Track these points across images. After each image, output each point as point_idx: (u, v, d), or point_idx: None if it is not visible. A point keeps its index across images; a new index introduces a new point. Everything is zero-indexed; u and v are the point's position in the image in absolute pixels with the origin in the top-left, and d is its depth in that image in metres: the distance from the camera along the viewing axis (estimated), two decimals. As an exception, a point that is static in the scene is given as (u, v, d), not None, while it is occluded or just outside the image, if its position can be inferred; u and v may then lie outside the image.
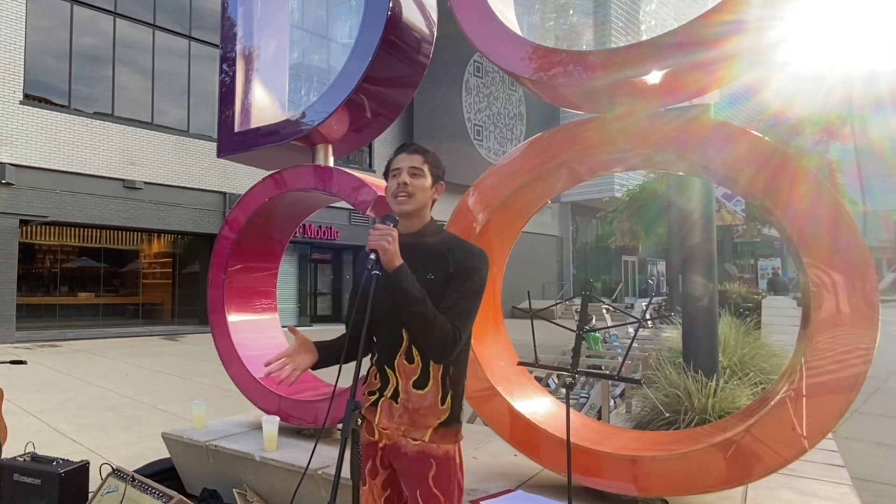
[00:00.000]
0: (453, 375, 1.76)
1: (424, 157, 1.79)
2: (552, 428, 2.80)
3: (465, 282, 1.69)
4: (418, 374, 1.73)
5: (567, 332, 2.44)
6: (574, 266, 29.44)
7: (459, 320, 1.65)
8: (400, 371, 1.75)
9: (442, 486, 1.71)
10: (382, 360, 1.79)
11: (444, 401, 1.74)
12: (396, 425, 1.75)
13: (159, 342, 13.91)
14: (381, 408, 1.78)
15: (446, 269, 1.70)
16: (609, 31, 24.08)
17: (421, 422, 1.73)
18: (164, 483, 3.06)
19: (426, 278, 1.67)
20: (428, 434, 1.73)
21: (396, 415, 1.75)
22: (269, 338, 4.36)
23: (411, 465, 1.74)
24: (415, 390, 1.74)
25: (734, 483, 2.47)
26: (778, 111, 14.82)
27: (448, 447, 1.74)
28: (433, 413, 1.73)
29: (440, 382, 1.74)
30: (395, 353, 1.75)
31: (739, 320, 7.13)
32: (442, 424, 1.73)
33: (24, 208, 13.18)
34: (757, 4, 2.31)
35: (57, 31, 14.17)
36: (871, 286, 2.23)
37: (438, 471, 1.72)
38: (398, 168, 1.78)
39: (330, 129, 3.65)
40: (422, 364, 1.73)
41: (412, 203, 1.76)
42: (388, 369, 1.77)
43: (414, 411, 1.73)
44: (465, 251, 1.75)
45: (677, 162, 2.72)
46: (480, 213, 3.04)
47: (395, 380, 1.76)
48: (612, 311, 15.18)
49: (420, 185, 1.76)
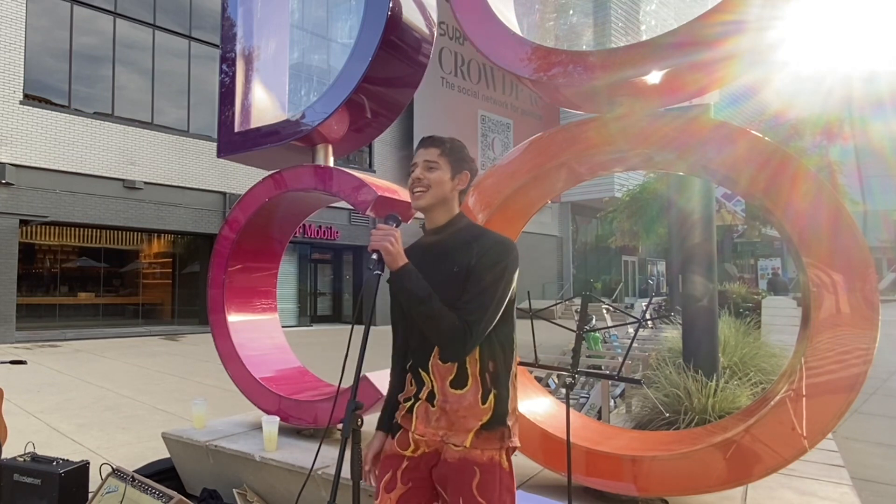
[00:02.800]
0: (493, 372, 1.64)
1: (441, 149, 1.72)
2: (552, 428, 2.80)
3: (484, 274, 1.59)
4: (455, 374, 1.63)
5: (567, 332, 2.44)
6: (574, 266, 29.44)
7: (473, 315, 1.55)
8: (435, 372, 1.65)
9: (487, 494, 1.58)
10: (416, 364, 1.69)
11: (486, 400, 1.62)
12: (434, 430, 1.64)
13: (159, 342, 13.90)
14: (417, 413, 1.67)
15: (469, 262, 1.62)
16: (609, 31, 24.08)
17: (460, 424, 1.62)
18: (164, 483, 3.06)
19: (453, 272, 1.61)
20: (469, 439, 1.60)
21: (433, 419, 1.64)
22: (269, 338, 4.36)
23: (453, 473, 1.62)
24: (452, 390, 1.63)
25: (734, 483, 2.47)
26: (778, 111, 14.82)
27: (492, 453, 1.61)
28: (473, 414, 1.61)
29: (479, 379, 1.62)
30: (428, 354, 1.66)
31: (739, 320, 7.13)
32: (484, 427, 1.61)
33: (24, 208, 13.18)
34: (757, 4, 2.31)
35: (57, 31, 14.16)
36: (871, 286, 2.23)
37: (483, 478, 1.59)
38: (414, 163, 1.73)
39: (330, 129, 3.65)
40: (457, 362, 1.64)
41: (427, 197, 1.69)
42: (422, 372, 1.68)
43: (452, 413, 1.62)
44: (489, 242, 1.65)
45: (677, 162, 2.72)
46: (480, 213, 3.04)
47: (431, 382, 1.66)
48: (612, 311, 15.17)
49: (436, 178, 1.69)
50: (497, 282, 1.59)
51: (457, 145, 1.75)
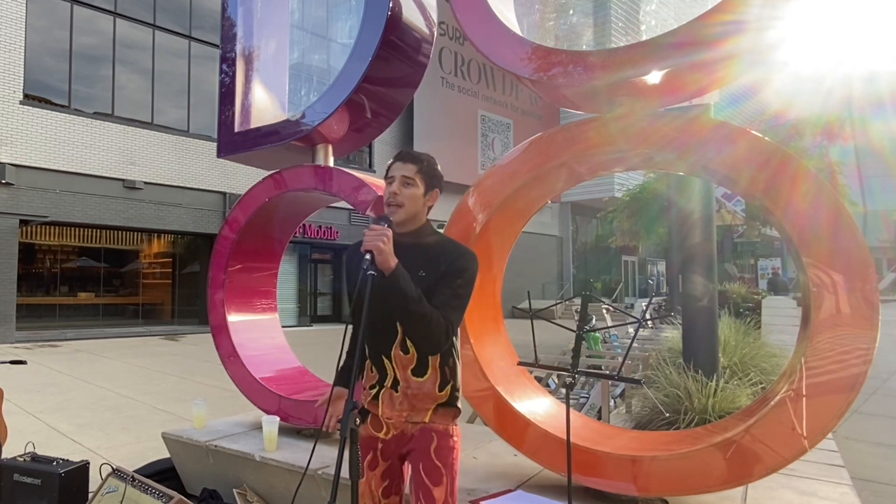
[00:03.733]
0: (452, 365, 1.86)
1: (418, 167, 1.83)
2: (552, 428, 2.80)
3: (455, 279, 1.78)
4: (415, 363, 1.82)
5: (567, 332, 2.44)
6: (574, 266, 29.43)
7: (453, 315, 1.76)
8: (396, 362, 1.83)
9: (442, 457, 1.82)
10: (378, 352, 1.86)
11: (443, 388, 1.84)
12: (398, 413, 1.84)
13: (159, 342, 13.91)
14: (383, 399, 1.86)
15: (438, 268, 1.79)
16: (609, 31, 24.08)
17: (420, 405, 1.83)
18: (164, 483, 3.06)
19: (418, 275, 1.74)
20: (428, 415, 1.83)
21: (397, 403, 1.84)
22: (269, 338, 4.36)
23: (414, 443, 1.84)
24: (414, 378, 1.82)
25: (734, 483, 2.47)
26: (778, 111, 14.82)
27: (448, 425, 1.86)
28: (431, 397, 1.83)
29: (439, 371, 1.83)
30: (390, 344, 1.82)
31: (739, 320, 7.12)
32: (440, 405, 1.84)
33: (24, 208, 13.18)
34: (757, 4, 2.31)
35: (57, 31, 14.17)
36: (871, 286, 2.23)
37: (439, 443, 1.82)
38: (392, 176, 1.84)
39: (330, 129, 3.65)
40: (417, 354, 1.81)
41: (402, 213, 1.82)
42: (384, 360, 1.85)
43: (413, 397, 1.83)
44: (456, 252, 1.83)
45: (677, 162, 2.72)
46: (480, 213, 3.03)
47: (393, 370, 1.84)
48: (612, 311, 15.17)
49: (411, 194, 1.82)
50: (467, 285, 1.80)
51: (432, 163, 1.88)
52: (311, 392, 3.93)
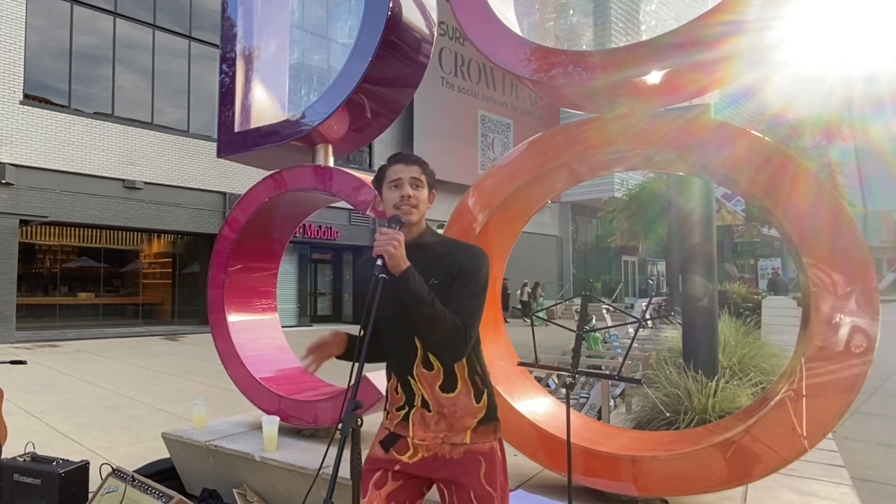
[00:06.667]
0: (482, 374, 1.78)
1: (422, 168, 1.79)
2: (552, 428, 2.80)
3: (469, 283, 1.70)
4: (442, 379, 1.73)
5: (567, 332, 2.44)
6: (574, 266, 29.43)
7: (468, 319, 1.66)
8: (421, 380, 1.74)
9: (492, 481, 1.72)
10: (402, 372, 1.77)
11: (480, 399, 1.75)
12: (434, 434, 1.73)
13: (159, 342, 13.90)
14: (413, 420, 1.75)
15: (450, 272, 1.71)
16: (609, 32, 24.09)
17: (459, 424, 1.73)
18: (164, 483, 3.07)
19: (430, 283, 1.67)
20: (468, 436, 1.73)
21: (433, 423, 1.74)
22: (269, 338, 4.36)
23: (460, 468, 1.72)
24: (444, 394, 1.73)
25: (734, 483, 2.47)
26: (778, 111, 14.80)
27: (492, 443, 1.75)
28: (469, 413, 1.73)
29: (469, 382, 1.75)
30: (411, 362, 1.74)
31: (739, 320, 7.12)
32: (480, 422, 1.74)
33: (24, 208, 13.18)
34: (757, 4, 2.31)
35: (57, 31, 14.17)
36: (871, 286, 2.23)
37: (487, 467, 1.72)
38: (398, 178, 1.75)
39: (330, 129, 3.65)
40: (443, 368, 1.72)
41: (417, 214, 1.76)
42: (410, 380, 1.75)
43: (451, 415, 1.73)
44: (466, 253, 1.76)
45: (677, 162, 2.72)
46: (480, 213, 3.03)
47: (420, 390, 1.74)
48: (612, 311, 15.17)
49: (422, 196, 1.77)
50: (483, 289, 1.74)
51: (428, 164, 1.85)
52: (311, 392, 3.93)
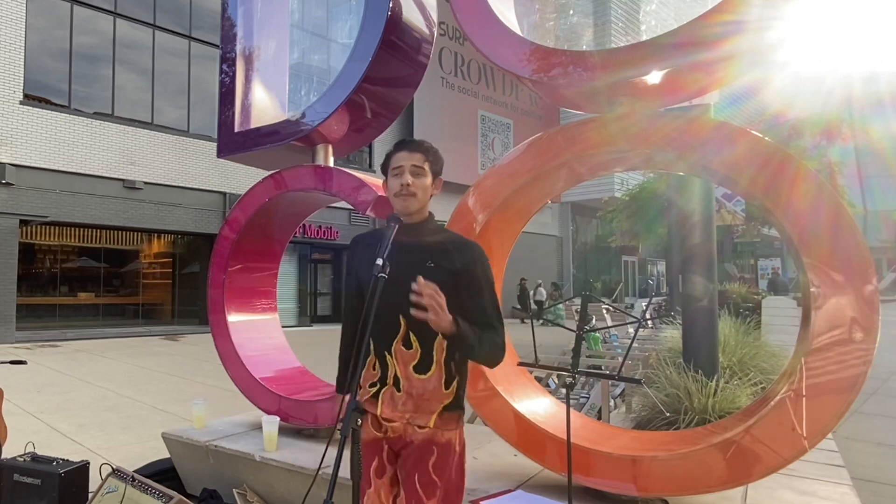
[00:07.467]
0: (458, 361, 1.79)
1: (425, 156, 1.78)
2: (552, 428, 2.80)
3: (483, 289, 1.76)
4: (418, 359, 1.74)
5: (567, 332, 2.44)
6: (574, 266, 29.43)
7: (498, 322, 1.76)
8: (398, 357, 1.76)
9: (440, 471, 1.74)
10: (381, 347, 1.78)
11: (449, 385, 1.77)
12: (401, 413, 1.76)
13: (159, 342, 13.90)
14: (383, 398, 1.78)
15: (451, 264, 1.74)
16: (609, 32, 24.08)
17: (425, 406, 1.75)
18: (164, 483, 3.07)
19: (426, 266, 1.70)
20: (433, 420, 1.74)
21: (400, 403, 1.76)
22: (270, 338, 4.36)
23: (414, 453, 1.76)
24: (416, 375, 1.75)
25: (734, 483, 2.47)
26: (778, 111, 14.79)
27: (450, 434, 1.77)
28: (437, 397, 1.75)
29: (444, 367, 1.76)
30: (392, 339, 1.75)
31: (739, 320, 7.11)
32: (446, 408, 1.76)
33: (24, 208, 13.17)
34: (757, 4, 2.31)
35: (57, 31, 14.16)
36: (871, 286, 2.23)
37: (438, 458, 1.74)
38: (400, 166, 1.77)
39: (330, 129, 3.65)
40: (422, 349, 1.74)
41: (415, 203, 1.77)
42: (387, 355, 1.77)
43: (418, 396, 1.75)
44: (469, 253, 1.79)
45: (678, 162, 2.72)
46: (480, 213, 3.03)
47: (394, 366, 1.76)
48: (612, 311, 15.16)
49: (422, 184, 1.77)
50: (494, 286, 1.81)
51: (436, 150, 1.85)
52: (311, 392, 3.93)
